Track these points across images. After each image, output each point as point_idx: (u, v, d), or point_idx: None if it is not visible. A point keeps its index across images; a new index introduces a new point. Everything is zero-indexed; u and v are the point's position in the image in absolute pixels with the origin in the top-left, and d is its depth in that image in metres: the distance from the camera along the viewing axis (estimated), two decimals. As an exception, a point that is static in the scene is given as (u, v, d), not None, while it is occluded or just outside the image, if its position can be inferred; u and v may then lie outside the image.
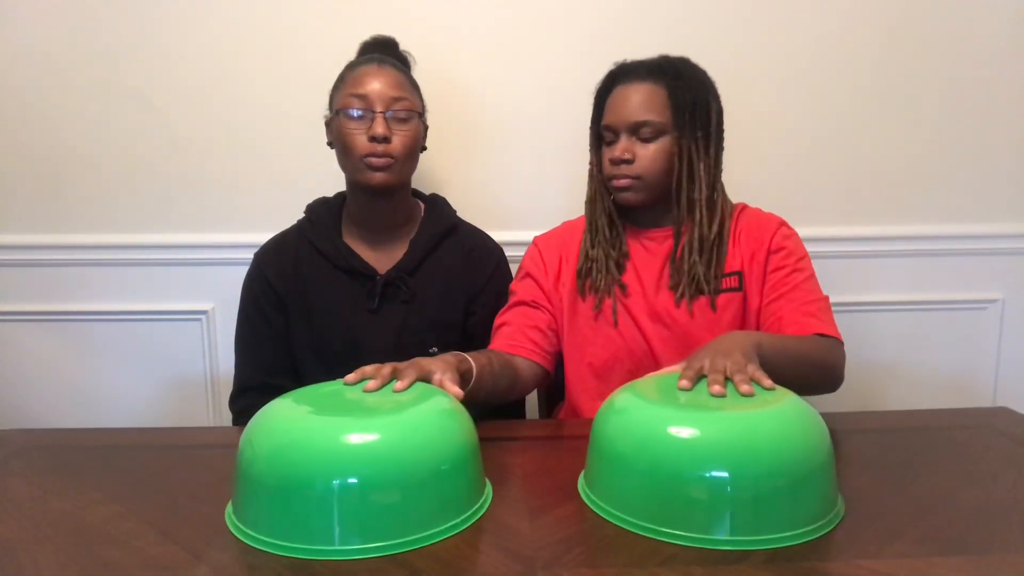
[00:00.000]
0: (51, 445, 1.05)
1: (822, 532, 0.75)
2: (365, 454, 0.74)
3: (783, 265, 1.20)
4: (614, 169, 1.18)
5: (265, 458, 0.76)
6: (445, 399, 0.85)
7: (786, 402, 0.80)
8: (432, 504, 0.76)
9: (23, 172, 1.61)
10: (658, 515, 0.75)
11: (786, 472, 0.74)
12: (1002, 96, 1.65)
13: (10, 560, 0.72)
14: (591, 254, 1.24)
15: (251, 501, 0.77)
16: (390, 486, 0.73)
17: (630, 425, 0.81)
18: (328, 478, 0.72)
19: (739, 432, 0.75)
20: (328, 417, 0.78)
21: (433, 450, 0.77)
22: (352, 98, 1.16)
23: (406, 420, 0.79)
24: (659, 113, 1.16)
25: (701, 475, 0.74)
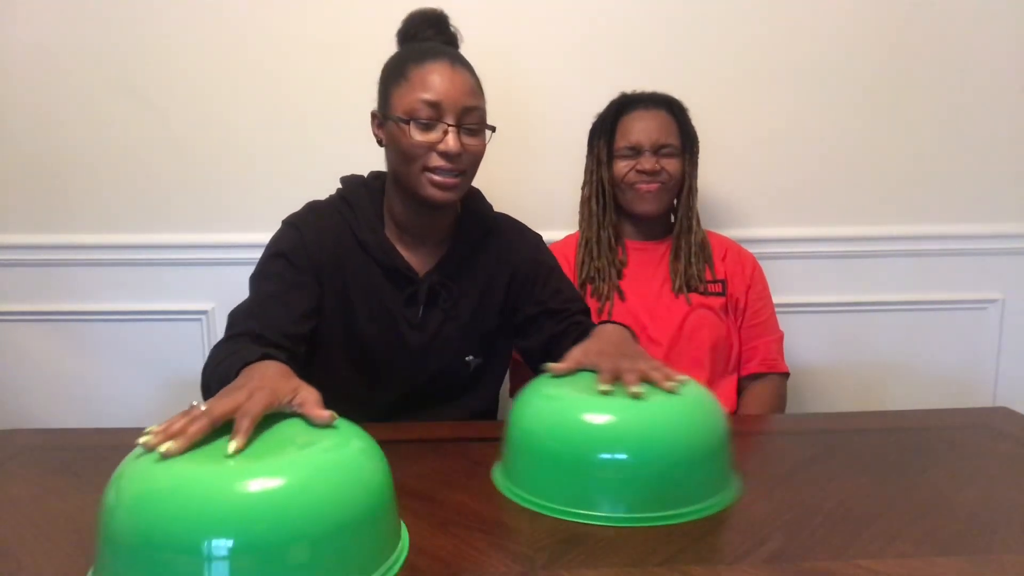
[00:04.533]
0: (51, 445, 1.05)
1: (716, 509, 0.81)
2: (258, 506, 0.59)
3: (759, 299, 1.45)
4: (639, 177, 1.38)
5: (128, 511, 0.60)
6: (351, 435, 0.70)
7: (687, 391, 0.84)
8: (343, 561, 0.62)
9: (23, 172, 1.62)
10: (568, 496, 0.80)
11: (680, 454, 0.80)
12: (1002, 96, 1.65)
13: (10, 560, 0.72)
14: (596, 264, 1.41)
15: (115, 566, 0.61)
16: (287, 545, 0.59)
17: (546, 412, 0.85)
18: (207, 538, 0.57)
19: (641, 417, 0.80)
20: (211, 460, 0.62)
21: (339, 498, 0.63)
22: (421, 104, 1.02)
23: (307, 461, 0.63)
24: (675, 137, 1.41)
25: (606, 457, 0.79)
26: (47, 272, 1.65)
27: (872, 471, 0.92)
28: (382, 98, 1.09)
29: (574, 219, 1.48)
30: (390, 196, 1.15)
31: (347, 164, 1.23)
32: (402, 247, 1.14)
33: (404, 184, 1.09)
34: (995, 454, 0.98)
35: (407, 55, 1.07)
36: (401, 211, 1.14)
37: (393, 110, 1.05)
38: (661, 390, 0.83)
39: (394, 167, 1.10)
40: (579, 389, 0.85)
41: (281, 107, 1.60)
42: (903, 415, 1.19)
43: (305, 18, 1.56)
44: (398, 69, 1.06)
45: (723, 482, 0.84)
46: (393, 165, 1.10)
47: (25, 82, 1.58)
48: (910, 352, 1.73)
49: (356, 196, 1.15)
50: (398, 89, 1.05)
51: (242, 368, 0.82)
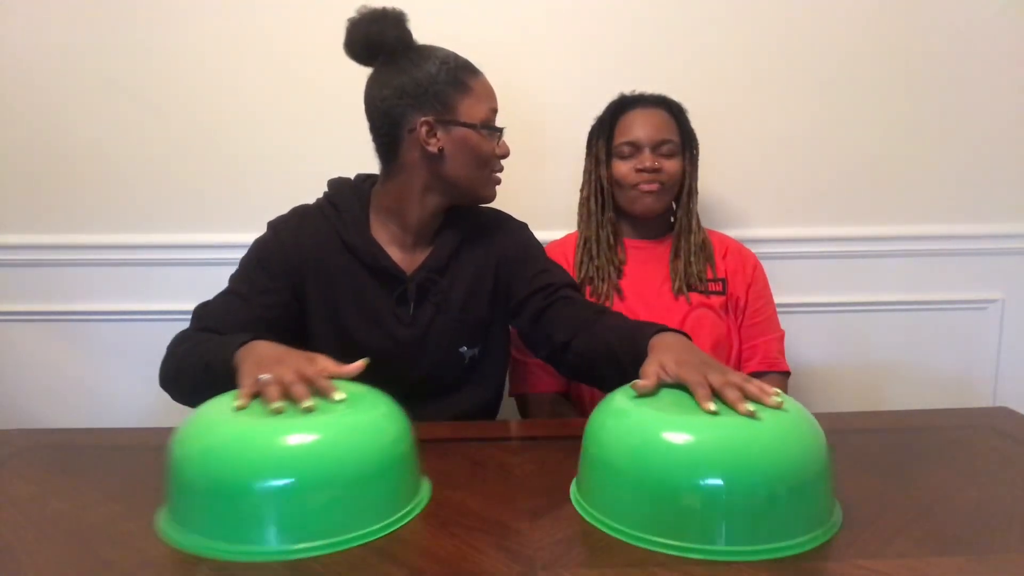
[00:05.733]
0: (51, 445, 1.05)
1: (818, 542, 0.74)
2: (300, 455, 0.74)
3: (759, 298, 1.45)
4: (639, 176, 1.37)
5: (196, 460, 0.75)
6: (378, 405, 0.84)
7: (785, 409, 0.78)
8: (367, 503, 0.76)
9: (23, 172, 1.62)
10: (651, 524, 0.74)
11: (782, 481, 0.72)
12: (1002, 96, 1.65)
13: (10, 560, 0.72)
14: (595, 263, 1.40)
15: (183, 503, 0.76)
16: (323, 487, 0.73)
17: (624, 431, 0.79)
18: (260, 480, 0.72)
19: (736, 440, 0.73)
20: (260, 419, 0.77)
21: (364, 450, 0.77)
22: (492, 112, 1.14)
23: (339, 420, 0.78)
24: (674, 134, 1.40)
25: (695, 483, 0.72)
26: (47, 272, 1.65)
27: (872, 471, 0.92)
28: (440, 107, 1.09)
29: (573, 219, 1.48)
30: (402, 199, 1.15)
31: (354, 165, 1.23)
32: (389, 247, 1.16)
33: (465, 187, 1.14)
34: (995, 454, 0.98)
35: (456, 65, 1.11)
36: (419, 213, 1.15)
37: (468, 119, 1.10)
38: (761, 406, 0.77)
39: (455, 172, 1.12)
40: (664, 407, 0.79)
41: (281, 107, 1.60)
42: (903, 415, 1.19)
43: (306, 19, 1.56)
44: (450, 76, 1.09)
45: (828, 511, 0.77)
46: (454, 170, 1.12)
47: (24, 83, 1.58)
48: (910, 352, 1.73)
49: (342, 198, 1.17)
50: (466, 99, 1.10)
51: (238, 350, 0.91)
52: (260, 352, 0.90)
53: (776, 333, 1.44)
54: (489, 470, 0.93)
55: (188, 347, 1.03)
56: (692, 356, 0.87)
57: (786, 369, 1.43)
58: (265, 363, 0.85)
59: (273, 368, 0.83)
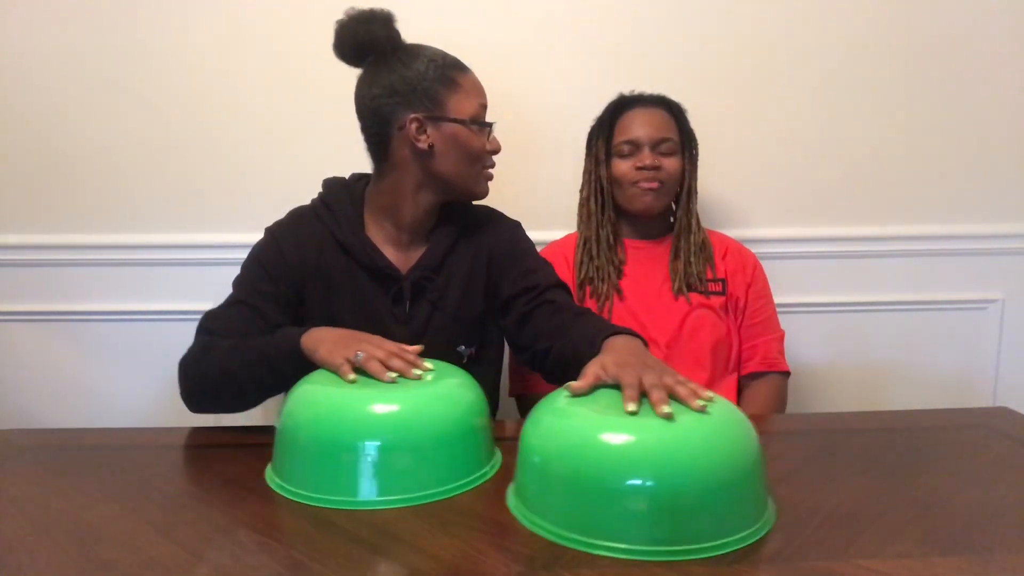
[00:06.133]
0: (51, 445, 1.05)
1: (749, 541, 0.74)
2: (387, 421, 0.87)
3: (759, 298, 1.45)
4: (639, 175, 1.37)
5: (305, 425, 0.88)
6: (458, 375, 0.96)
7: (716, 409, 0.78)
8: (442, 466, 0.87)
9: (23, 172, 1.62)
10: (587, 526, 0.73)
11: (709, 482, 0.72)
12: (1002, 96, 1.65)
13: (10, 560, 0.72)
14: (595, 263, 1.40)
15: (292, 463, 0.89)
16: (406, 449, 0.86)
17: (558, 432, 0.79)
18: (355, 440, 0.85)
19: (667, 439, 0.73)
20: (356, 390, 0.90)
21: (442, 419, 0.88)
22: (482, 108, 1.14)
23: (419, 393, 0.90)
24: (674, 134, 1.40)
25: (626, 484, 0.72)
26: (47, 272, 1.65)
27: (872, 471, 0.92)
28: (429, 104, 1.10)
29: (573, 219, 1.48)
30: (396, 197, 1.16)
31: (354, 165, 1.23)
32: (384, 246, 1.17)
33: (457, 183, 1.15)
34: (995, 454, 0.98)
35: (448, 68, 1.12)
36: (413, 211, 1.16)
37: (458, 115, 1.11)
38: (688, 409, 0.77)
39: (446, 168, 1.13)
40: (599, 407, 0.79)
41: (281, 107, 1.60)
42: (903, 415, 1.19)
43: (305, 19, 1.56)
44: (439, 75, 1.11)
45: (758, 511, 0.77)
46: (445, 166, 1.13)
47: (24, 83, 1.58)
48: (910, 352, 1.73)
49: (336, 199, 1.18)
50: (455, 95, 1.11)
51: (301, 337, 0.99)
52: (331, 335, 0.98)
53: (776, 333, 1.44)
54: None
55: (220, 353, 1.05)
56: (633, 358, 0.87)
57: (786, 369, 1.43)
58: (346, 343, 0.95)
59: (360, 347, 0.93)
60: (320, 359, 0.96)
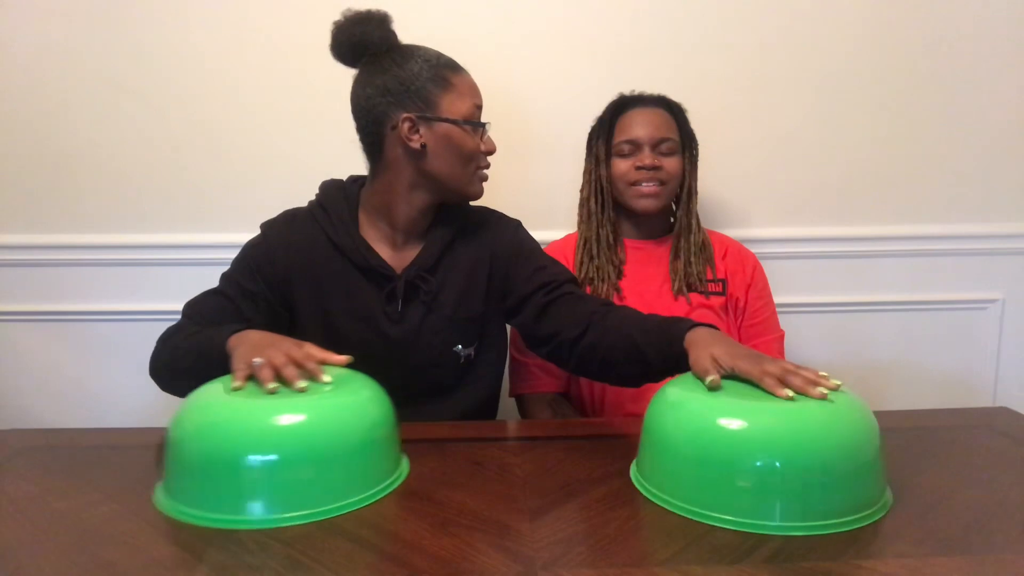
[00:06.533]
0: (51, 445, 1.05)
1: (865, 522, 0.78)
2: (281, 433, 0.82)
3: (759, 298, 1.45)
4: (640, 174, 1.37)
5: (192, 438, 0.83)
6: (363, 388, 0.91)
7: (837, 397, 0.83)
8: (346, 476, 0.84)
9: (23, 172, 1.62)
10: (708, 501, 0.80)
11: (829, 464, 0.77)
12: (1002, 96, 1.65)
13: (10, 560, 0.72)
14: (595, 263, 1.40)
15: (179, 478, 0.84)
16: (307, 462, 0.81)
17: (684, 419, 0.85)
18: (250, 455, 0.80)
19: (786, 424, 0.79)
20: (253, 399, 0.84)
21: (344, 428, 0.85)
22: (476, 108, 1.14)
23: (322, 401, 0.86)
24: (674, 134, 1.40)
25: (751, 465, 0.78)
26: (47, 272, 1.65)
27: (872, 471, 0.92)
28: (422, 103, 1.10)
29: (573, 219, 1.48)
30: (390, 197, 1.16)
31: (353, 166, 1.23)
32: (379, 245, 1.17)
33: (450, 183, 1.14)
34: (995, 454, 0.98)
35: (444, 69, 1.12)
36: (407, 211, 1.16)
37: (451, 115, 1.11)
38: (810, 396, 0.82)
39: (439, 168, 1.13)
40: (719, 395, 0.85)
41: (281, 108, 1.60)
42: (903, 415, 1.19)
43: (305, 20, 1.56)
44: (433, 76, 1.11)
45: (879, 493, 0.82)
46: (438, 166, 1.13)
47: (24, 83, 1.58)
48: (910, 352, 1.73)
49: (331, 200, 1.19)
50: (448, 95, 1.11)
51: (230, 336, 0.97)
52: (252, 338, 0.96)
53: (776, 333, 1.44)
54: (489, 470, 0.93)
55: (180, 338, 1.09)
56: (739, 348, 0.92)
57: None
58: (258, 348, 0.92)
59: (265, 352, 0.90)
60: (231, 362, 0.93)
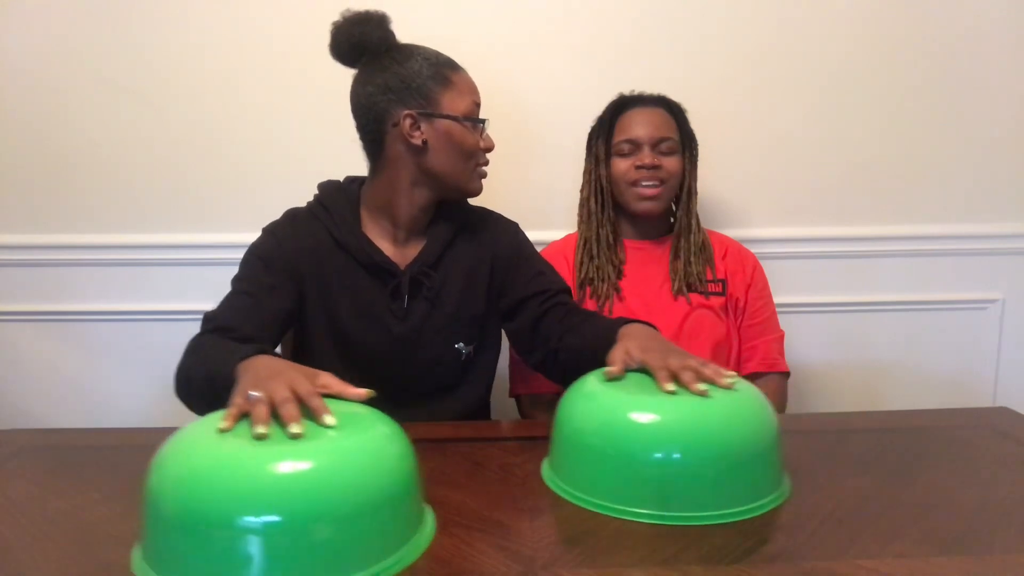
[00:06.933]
0: (51, 445, 1.05)
1: (767, 508, 0.81)
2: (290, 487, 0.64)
3: (759, 298, 1.45)
4: (639, 174, 1.37)
5: (172, 490, 0.65)
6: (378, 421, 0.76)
7: (736, 390, 0.85)
8: (368, 541, 0.67)
9: (23, 172, 1.62)
10: (617, 494, 0.80)
11: (732, 453, 0.80)
12: (1002, 96, 1.65)
13: (10, 560, 0.72)
14: (595, 263, 1.40)
15: (159, 539, 0.67)
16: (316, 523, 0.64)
17: (593, 412, 0.86)
18: (243, 515, 0.62)
19: (691, 417, 0.81)
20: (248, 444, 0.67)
21: (367, 480, 0.68)
22: (475, 106, 1.15)
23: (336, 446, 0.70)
24: (674, 133, 1.40)
25: (656, 457, 0.80)
26: (47, 272, 1.65)
27: (872, 471, 0.92)
28: (423, 100, 1.11)
29: (573, 219, 1.48)
30: (391, 194, 1.16)
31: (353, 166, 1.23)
32: (381, 243, 1.17)
33: (451, 180, 1.15)
34: (995, 454, 0.98)
35: (443, 66, 1.13)
36: (409, 208, 1.16)
37: (451, 112, 1.12)
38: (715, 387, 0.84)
39: (440, 164, 1.13)
40: (630, 389, 0.86)
41: (281, 108, 1.60)
42: (903, 415, 1.19)
43: (305, 20, 1.56)
44: (433, 73, 1.12)
45: (775, 482, 0.85)
46: (439, 163, 1.13)
47: (24, 83, 1.58)
48: (910, 352, 1.73)
49: (332, 199, 1.19)
50: (448, 92, 1.12)
51: (239, 363, 0.85)
52: (259, 366, 0.83)
53: (776, 334, 1.44)
54: (489, 470, 0.93)
55: (197, 357, 1.00)
56: (655, 343, 0.94)
57: (786, 370, 1.43)
58: (260, 379, 0.78)
59: (267, 384, 0.76)
60: (231, 394, 0.79)
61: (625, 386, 0.87)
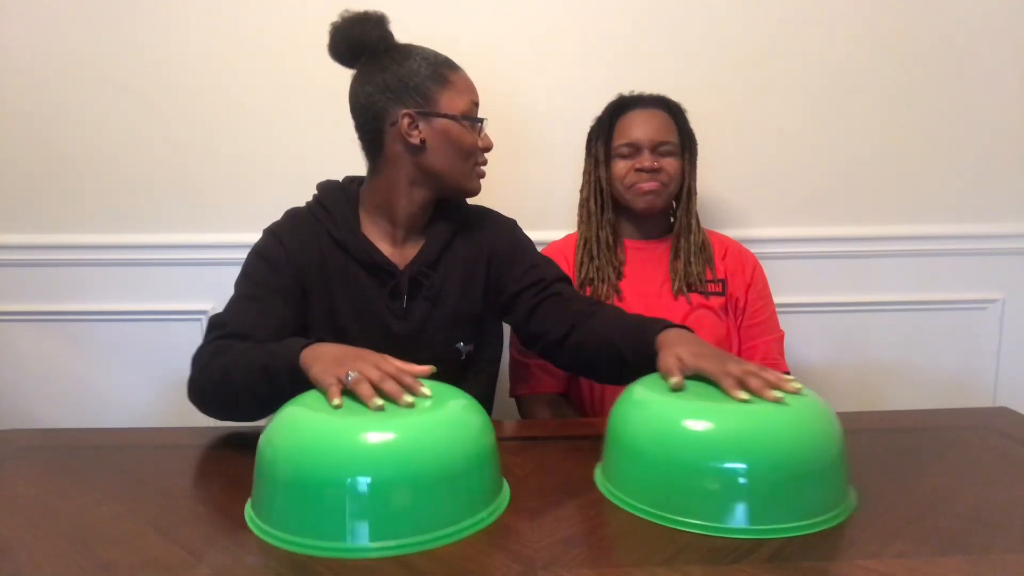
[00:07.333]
0: (51, 445, 1.05)
1: (829, 525, 0.77)
2: (381, 453, 0.75)
3: (759, 299, 1.45)
4: (639, 176, 1.37)
5: (285, 458, 0.77)
6: (460, 398, 0.85)
7: (801, 399, 0.83)
8: (445, 506, 0.76)
9: (23, 172, 1.62)
10: (673, 504, 0.78)
11: (795, 465, 0.77)
12: (1002, 96, 1.65)
13: (10, 560, 0.72)
14: (595, 264, 1.40)
15: (270, 499, 0.78)
16: (403, 486, 0.75)
17: (647, 420, 0.84)
18: (343, 476, 0.74)
19: (753, 426, 0.79)
20: (347, 417, 0.79)
21: (447, 450, 0.77)
22: (474, 105, 1.15)
23: (422, 420, 0.79)
24: (674, 135, 1.40)
25: (715, 466, 0.77)
26: (47, 272, 1.65)
27: (872, 471, 0.92)
28: (421, 100, 1.11)
29: (573, 219, 1.48)
30: (390, 193, 1.16)
31: (353, 166, 1.23)
32: (380, 243, 1.18)
33: (449, 179, 1.15)
34: (995, 454, 0.98)
35: (441, 66, 1.13)
36: (407, 207, 1.17)
37: (450, 111, 1.12)
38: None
39: (438, 164, 1.14)
40: (683, 396, 0.85)
41: (280, 108, 1.60)
42: (903, 415, 1.19)
43: (305, 20, 1.56)
44: (432, 73, 1.12)
45: (840, 494, 0.81)
46: (437, 162, 1.13)
47: (24, 83, 1.58)
48: (910, 352, 1.73)
49: (332, 200, 1.20)
50: (446, 92, 1.12)
51: (300, 352, 0.92)
52: (331, 352, 0.90)
53: (776, 334, 1.44)
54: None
55: (228, 359, 1.00)
56: (706, 348, 0.93)
57: (785, 370, 1.43)
58: (343, 362, 0.86)
59: (355, 365, 0.85)
60: (313, 378, 0.88)
61: (678, 393, 0.85)
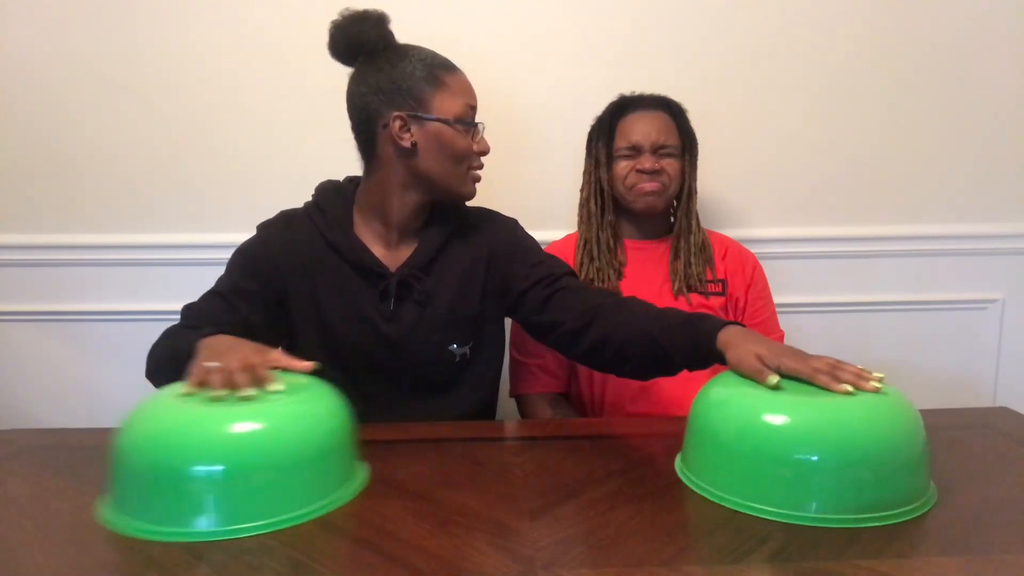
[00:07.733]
0: (51, 445, 1.05)
1: (909, 516, 0.79)
2: (235, 442, 0.79)
3: (759, 299, 1.45)
4: (639, 177, 1.38)
5: (140, 446, 0.81)
6: (312, 390, 0.89)
7: (882, 394, 0.84)
8: (301, 486, 0.81)
9: (23, 172, 1.62)
10: (754, 494, 0.81)
11: (874, 458, 0.79)
12: (1002, 96, 1.65)
13: (10, 560, 0.72)
14: (596, 264, 1.40)
15: (128, 489, 0.81)
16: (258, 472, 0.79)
17: (730, 414, 0.87)
18: (197, 465, 0.77)
19: (829, 419, 0.81)
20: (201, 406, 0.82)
21: (298, 436, 0.82)
22: (469, 109, 1.14)
23: (276, 408, 0.83)
24: (675, 138, 1.40)
25: (793, 457, 0.80)
26: (47, 272, 1.65)
27: (872, 471, 0.92)
28: (413, 102, 1.11)
29: (573, 219, 1.48)
30: (383, 195, 1.16)
31: (353, 166, 1.23)
32: (373, 243, 1.18)
33: (441, 183, 1.14)
34: (995, 454, 0.98)
35: (438, 68, 1.12)
36: (400, 210, 1.16)
37: (442, 114, 1.11)
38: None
39: (430, 167, 1.13)
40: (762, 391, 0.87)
41: (280, 108, 1.60)
42: (903, 415, 1.18)
43: (305, 19, 1.56)
44: (427, 75, 1.11)
45: (920, 487, 0.83)
46: (429, 165, 1.13)
47: (24, 83, 1.58)
48: (910, 352, 1.73)
49: (327, 200, 1.20)
50: (440, 94, 1.11)
51: (200, 339, 0.96)
52: (217, 343, 0.95)
53: (776, 334, 1.44)
54: (489, 470, 0.93)
55: (167, 343, 1.10)
56: (776, 345, 0.94)
57: None
58: (218, 352, 0.90)
59: (223, 356, 0.88)
60: (190, 365, 0.90)
61: (757, 389, 0.88)
